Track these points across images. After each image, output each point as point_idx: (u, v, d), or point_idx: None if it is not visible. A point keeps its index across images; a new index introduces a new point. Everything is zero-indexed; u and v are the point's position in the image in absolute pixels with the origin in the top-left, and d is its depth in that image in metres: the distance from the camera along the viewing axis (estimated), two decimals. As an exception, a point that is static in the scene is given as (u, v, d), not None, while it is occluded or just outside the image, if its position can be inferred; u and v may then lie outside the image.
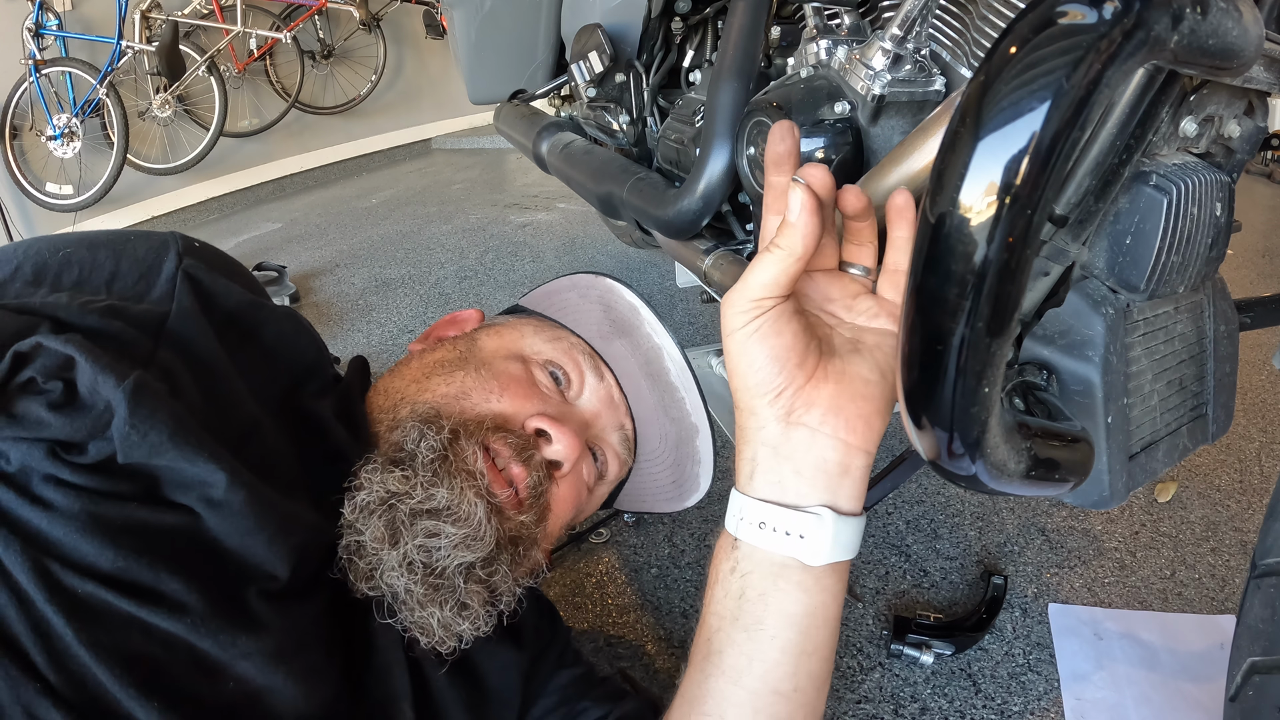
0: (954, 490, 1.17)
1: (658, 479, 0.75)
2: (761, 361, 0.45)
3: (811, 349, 0.46)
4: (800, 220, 0.42)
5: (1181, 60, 0.35)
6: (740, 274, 0.46)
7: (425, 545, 0.52)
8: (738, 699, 0.49)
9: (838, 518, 0.46)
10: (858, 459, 0.47)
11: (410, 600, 0.52)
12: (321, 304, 2.10)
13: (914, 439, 0.44)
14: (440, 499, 0.53)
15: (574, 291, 0.77)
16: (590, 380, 0.67)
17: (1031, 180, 0.32)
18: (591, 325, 0.73)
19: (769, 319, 0.44)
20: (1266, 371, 1.47)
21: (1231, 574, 0.99)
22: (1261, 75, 0.50)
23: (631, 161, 1.08)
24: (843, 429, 0.46)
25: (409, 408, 0.60)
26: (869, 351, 0.47)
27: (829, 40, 0.68)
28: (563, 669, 0.68)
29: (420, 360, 0.66)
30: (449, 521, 0.53)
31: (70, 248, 0.54)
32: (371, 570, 0.52)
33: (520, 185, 3.45)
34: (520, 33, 1.41)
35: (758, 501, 0.47)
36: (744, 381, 0.46)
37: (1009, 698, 0.83)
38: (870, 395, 0.46)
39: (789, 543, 0.47)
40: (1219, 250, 0.53)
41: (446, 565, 0.52)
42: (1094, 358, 0.52)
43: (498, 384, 0.62)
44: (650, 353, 0.72)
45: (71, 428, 0.44)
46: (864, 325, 0.48)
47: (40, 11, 3.06)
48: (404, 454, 0.55)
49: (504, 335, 0.69)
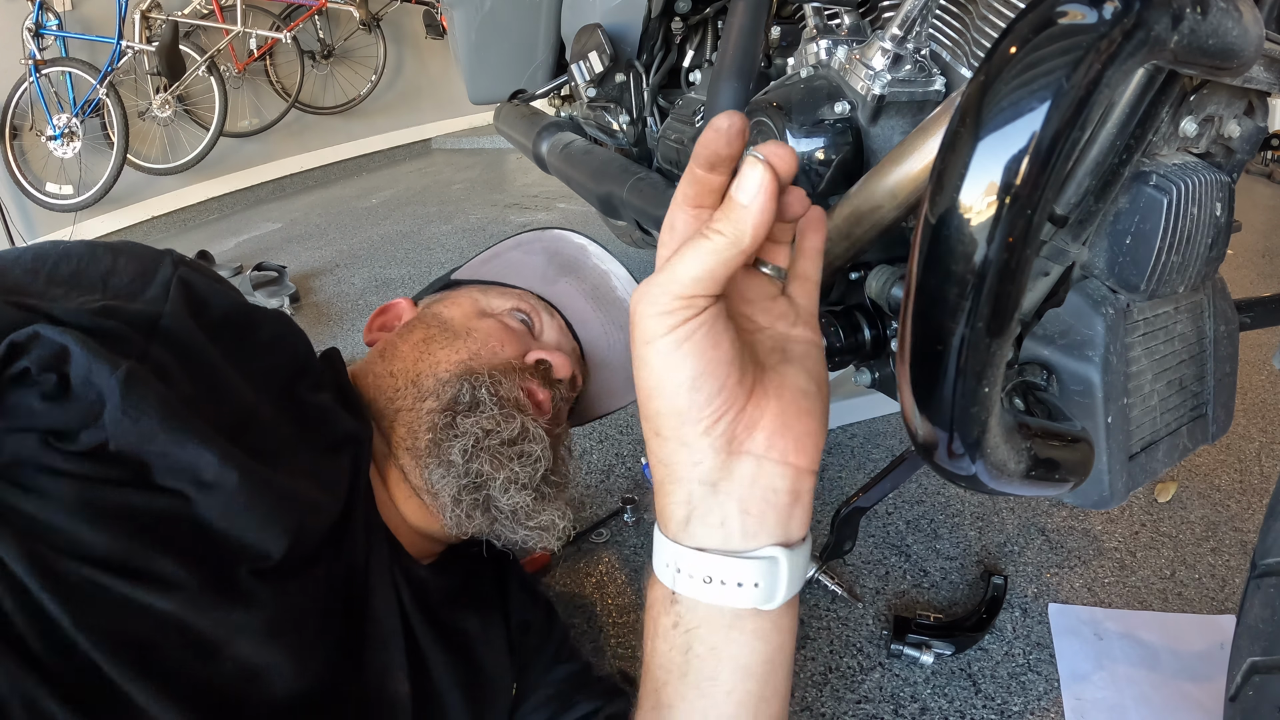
0: (954, 490, 1.17)
1: (614, 379, 0.86)
2: (694, 379, 0.36)
3: (747, 361, 0.39)
4: (756, 203, 0.34)
5: (1181, 60, 0.35)
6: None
7: (522, 465, 0.63)
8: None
9: (791, 553, 0.40)
10: (806, 482, 0.41)
11: (524, 512, 0.63)
12: (321, 304, 2.10)
13: (914, 439, 0.44)
14: (515, 428, 0.64)
15: (518, 250, 0.88)
16: (545, 318, 0.79)
17: (1031, 180, 0.32)
18: (534, 274, 0.84)
19: (702, 324, 0.35)
20: (1266, 371, 1.47)
21: (1231, 574, 0.99)
22: (1261, 75, 0.50)
23: (631, 161, 1.08)
24: (791, 452, 0.39)
25: (431, 378, 0.67)
26: (799, 360, 0.41)
27: (829, 40, 0.68)
28: (559, 664, 0.70)
29: (405, 343, 0.72)
30: (527, 443, 0.64)
31: (68, 246, 0.55)
32: (483, 502, 0.62)
33: (520, 185, 3.45)
34: (520, 33, 1.41)
35: (698, 552, 0.39)
36: (669, 404, 0.37)
37: (1009, 698, 0.83)
38: (812, 410, 0.41)
39: (741, 594, 0.39)
40: (1219, 250, 0.53)
41: (538, 477, 0.64)
42: (1094, 358, 0.52)
43: (494, 338, 0.71)
44: (598, 279, 0.85)
45: (64, 417, 0.45)
46: (785, 332, 0.42)
47: (40, 11, 3.06)
48: (464, 404, 0.64)
49: (460, 304, 0.76)
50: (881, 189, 0.57)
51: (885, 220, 0.59)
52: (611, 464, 1.28)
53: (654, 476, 0.41)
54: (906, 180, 0.56)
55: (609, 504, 1.18)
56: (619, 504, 1.16)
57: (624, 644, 0.93)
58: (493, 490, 0.62)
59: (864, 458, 1.28)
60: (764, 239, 0.35)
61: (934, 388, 0.39)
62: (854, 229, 0.62)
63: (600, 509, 1.17)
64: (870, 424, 1.37)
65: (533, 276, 0.84)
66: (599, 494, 1.22)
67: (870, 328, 0.65)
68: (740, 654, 0.41)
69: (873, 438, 1.33)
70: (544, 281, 0.84)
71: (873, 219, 0.59)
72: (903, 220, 0.59)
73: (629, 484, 1.24)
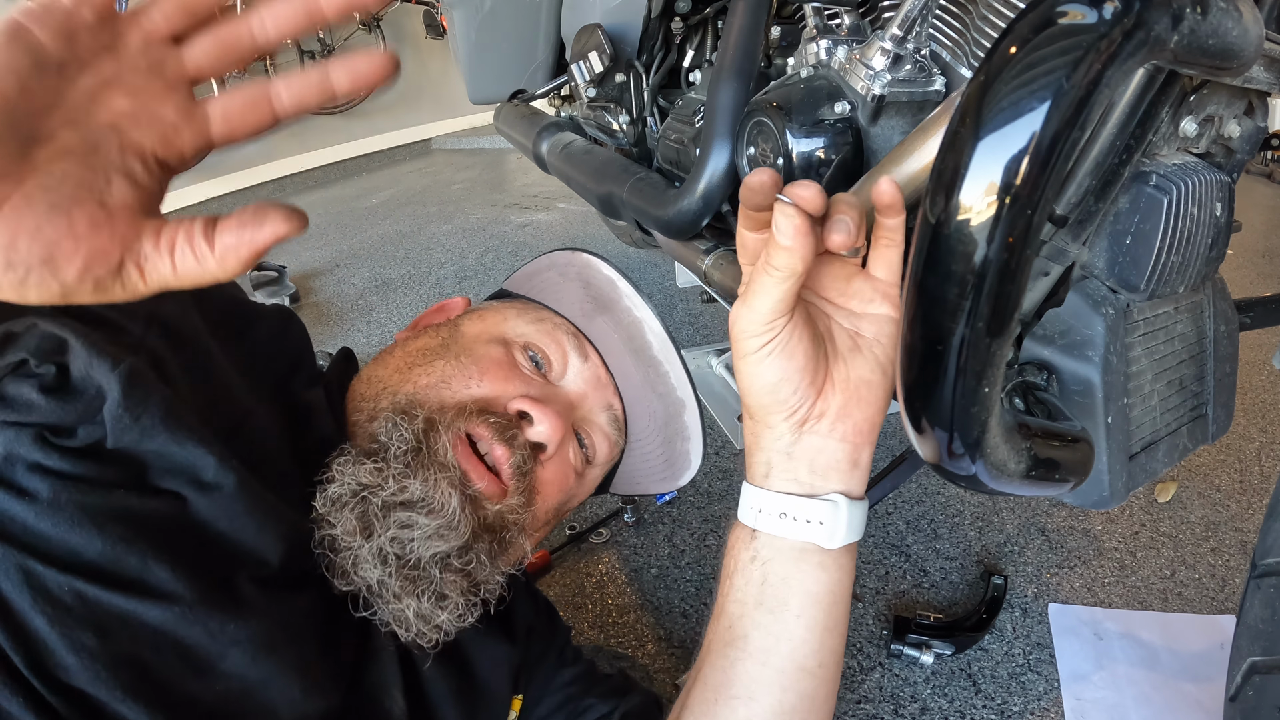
0: (954, 490, 1.17)
1: (649, 459, 0.74)
2: (776, 383, 0.46)
3: (820, 360, 0.47)
4: (795, 243, 0.41)
5: (1181, 60, 0.35)
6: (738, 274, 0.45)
7: (398, 537, 0.52)
8: (766, 679, 0.51)
9: (851, 503, 0.49)
10: (865, 452, 0.50)
11: (385, 593, 0.52)
12: (321, 304, 2.10)
13: (914, 439, 0.44)
14: (414, 491, 0.52)
15: (553, 270, 0.76)
16: (574, 361, 0.66)
17: (1031, 180, 0.33)
18: (573, 304, 0.72)
19: (781, 341, 0.45)
20: (1266, 371, 1.47)
21: (1231, 574, 0.99)
22: (1261, 75, 0.50)
23: (631, 161, 1.08)
24: (850, 433, 0.49)
25: (389, 398, 0.60)
26: (868, 347, 0.48)
27: (829, 40, 0.68)
28: (564, 667, 0.69)
29: (404, 348, 0.65)
30: (422, 513, 0.52)
31: None
32: (347, 564, 0.52)
33: (520, 185, 3.45)
34: (520, 33, 1.41)
35: (777, 494, 0.50)
36: (759, 400, 0.48)
37: (1009, 698, 0.83)
38: (873, 398, 0.48)
39: (809, 529, 0.49)
40: (1219, 250, 0.53)
41: (421, 556, 0.52)
42: (1094, 358, 0.52)
43: (477, 369, 0.61)
44: (631, 327, 0.71)
45: (61, 412, 0.44)
46: (860, 311, 0.48)
47: (40, 11, 3.06)
48: (377, 445, 0.55)
49: (487, 319, 0.68)
50: (881, 189, 0.57)
51: (885, 220, 0.59)
52: (611, 464, 1.29)
53: (745, 442, 0.52)
54: (906, 180, 0.56)
55: (609, 504, 1.18)
56: (619, 504, 1.16)
57: (624, 644, 0.93)
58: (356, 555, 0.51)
59: (864, 458, 1.28)
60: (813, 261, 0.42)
61: (934, 388, 0.39)
62: (854, 229, 0.61)
63: (600, 509, 1.17)
64: (870, 424, 1.37)
65: (572, 306, 0.72)
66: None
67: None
68: (807, 582, 0.50)
69: (873, 438, 1.33)
70: (583, 316, 0.71)
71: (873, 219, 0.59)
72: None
73: (629, 484, 1.24)
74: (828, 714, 0.53)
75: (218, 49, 0.32)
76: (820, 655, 0.51)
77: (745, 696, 0.51)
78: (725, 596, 0.53)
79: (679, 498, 1.19)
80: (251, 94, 0.32)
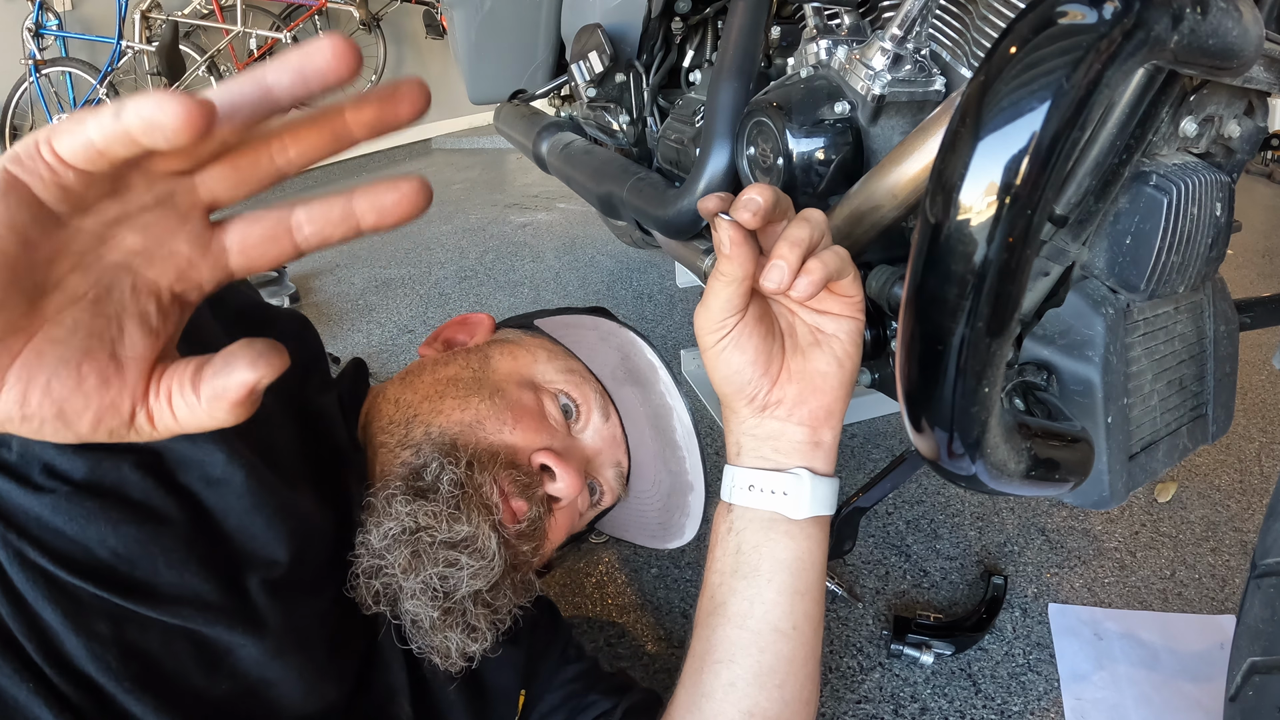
0: (954, 490, 1.17)
1: (644, 516, 0.77)
2: (733, 371, 0.52)
3: (775, 353, 0.52)
4: (734, 252, 0.47)
5: (1181, 60, 0.35)
6: None
7: (444, 574, 0.55)
8: (744, 641, 0.55)
9: (814, 477, 0.54)
10: (826, 435, 0.55)
11: (425, 624, 0.55)
12: (321, 304, 2.10)
13: (914, 439, 0.44)
14: (462, 532, 0.55)
15: (595, 332, 0.77)
16: (596, 418, 0.68)
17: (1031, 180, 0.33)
18: (606, 366, 0.73)
19: (734, 336, 0.50)
20: (1266, 371, 1.47)
21: (1231, 574, 0.99)
22: (1261, 75, 0.50)
23: (631, 161, 1.08)
24: (808, 418, 0.54)
25: (422, 429, 0.61)
26: (827, 342, 0.52)
27: (829, 40, 0.68)
28: (567, 664, 0.70)
29: (433, 374, 0.66)
30: (467, 553, 0.55)
31: None
32: (386, 593, 0.55)
33: (520, 185, 3.45)
34: (520, 33, 1.41)
35: (746, 469, 0.55)
36: (722, 388, 0.54)
37: (1009, 698, 0.83)
38: (829, 387, 0.53)
39: (774, 499, 0.54)
40: (1219, 250, 0.53)
41: (460, 592, 0.55)
42: (1094, 358, 0.52)
43: (511, 414, 0.63)
44: (660, 409, 0.73)
45: None
46: (821, 309, 0.52)
47: (40, 11, 3.06)
48: (424, 484, 0.57)
49: (518, 358, 0.69)
50: (881, 189, 0.57)
51: (885, 220, 0.59)
52: (611, 464, 1.28)
53: (724, 428, 0.58)
54: (906, 180, 0.56)
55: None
56: (619, 504, 1.16)
57: (624, 644, 0.93)
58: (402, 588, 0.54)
59: (864, 458, 1.28)
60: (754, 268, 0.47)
61: (934, 388, 0.39)
62: (854, 229, 0.62)
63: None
64: (870, 424, 1.37)
65: (604, 368, 0.73)
66: (599, 494, 1.22)
67: (870, 327, 0.65)
68: (776, 550, 0.55)
69: (873, 438, 1.33)
70: (613, 380, 0.73)
71: (873, 219, 0.59)
72: (903, 220, 0.59)
73: (629, 484, 1.24)
74: (808, 678, 0.57)
75: (234, 177, 0.28)
76: (793, 618, 0.55)
77: (726, 659, 0.55)
78: (708, 570, 0.59)
79: (679, 498, 1.19)
80: (271, 225, 0.30)
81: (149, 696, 0.43)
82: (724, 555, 0.57)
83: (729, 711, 0.55)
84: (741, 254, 0.47)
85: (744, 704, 0.55)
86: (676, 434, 0.73)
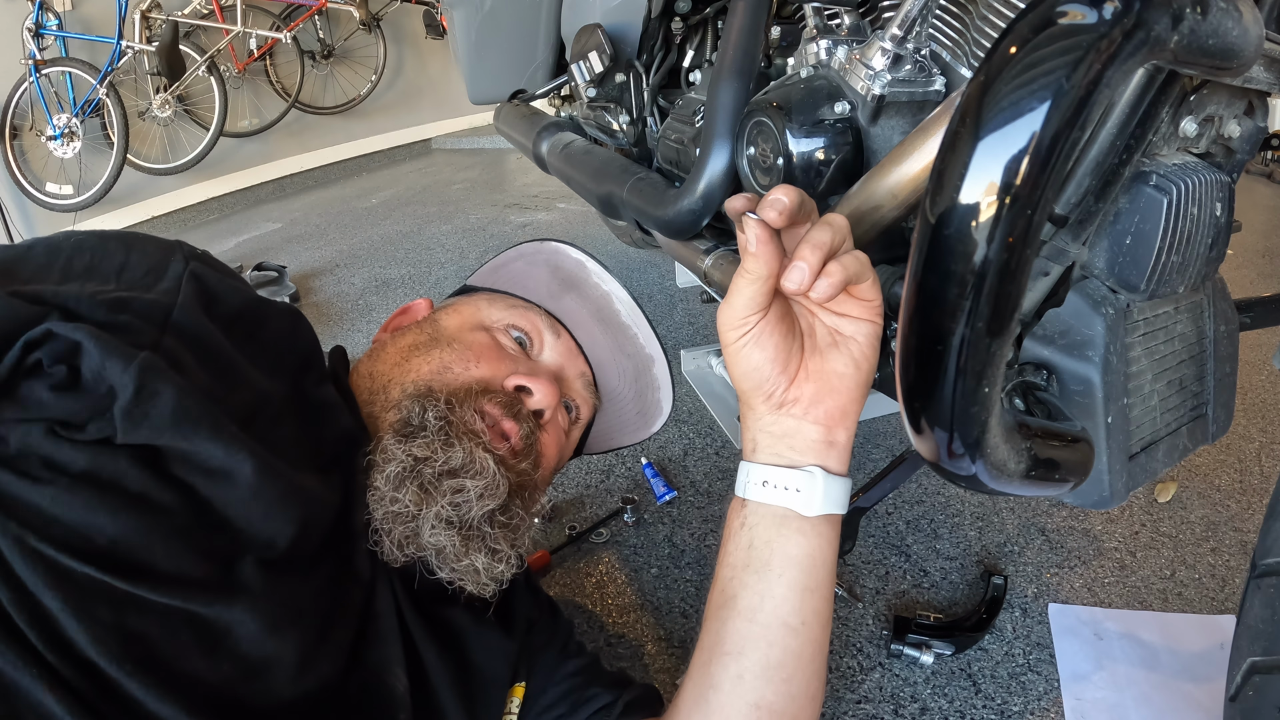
0: (954, 490, 1.17)
1: (624, 412, 0.82)
2: (753, 368, 0.53)
3: (794, 352, 0.54)
4: (760, 250, 0.48)
5: (1181, 60, 0.35)
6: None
7: (454, 501, 0.58)
8: (753, 634, 0.56)
9: (827, 475, 0.55)
10: (840, 435, 0.56)
11: (450, 552, 0.58)
12: (321, 304, 2.10)
13: (914, 439, 0.44)
14: (457, 458, 0.59)
15: (520, 260, 0.83)
16: (549, 338, 0.74)
17: (1031, 180, 0.33)
18: (540, 287, 0.79)
19: (754, 334, 0.52)
20: (1266, 371, 1.47)
21: (1231, 574, 0.99)
22: (1261, 75, 0.50)
23: (631, 161, 1.08)
24: (823, 417, 0.55)
25: (399, 388, 0.65)
26: (845, 344, 0.54)
27: (829, 40, 0.68)
28: (568, 659, 0.71)
29: (394, 345, 0.70)
30: (468, 476, 0.59)
31: (82, 237, 0.55)
32: (411, 534, 0.58)
33: (520, 185, 3.45)
34: (520, 33, 1.41)
35: (760, 465, 0.56)
36: (741, 385, 0.55)
37: (1009, 698, 0.83)
38: (845, 388, 0.54)
39: (788, 496, 0.55)
40: (1219, 250, 0.53)
41: (474, 516, 0.58)
42: (1094, 358, 0.52)
43: (472, 353, 0.67)
44: (600, 300, 0.79)
45: (72, 407, 0.46)
46: (841, 312, 0.53)
47: (40, 11, 3.06)
48: (412, 427, 0.60)
49: (462, 312, 0.74)
50: (881, 189, 0.57)
51: (885, 220, 0.59)
52: (611, 464, 1.28)
53: (740, 425, 0.59)
54: (906, 180, 0.56)
55: (609, 504, 1.18)
56: (619, 504, 1.16)
57: (624, 644, 0.93)
58: (420, 524, 0.57)
59: (864, 458, 1.28)
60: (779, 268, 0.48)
61: (934, 388, 0.39)
62: (854, 229, 0.61)
63: (600, 509, 1.17)
64: (870, 424, 1.37)
65: (540, 290, 0.79)
66: (599, 494, 1.22)
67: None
68: (788, 546, 0.56)
69: (873, 438, 1.33)
70: (550, 297, 0.79)
71: (873, 219, 0.59)
72: (903, 220, 0.59)
73: (629, 484, 1.24)
74: (814, 674, 0.58)
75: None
76: (802, 614, 0.56)
77: (735, 652, 0.56)
78: (720, 564, 0.59)
79: (679, 497, 1.19)
80: None
81: (151, 680, 0.43)
82: (736, 549, 0.58)
83: (736, 704, 0.56)
84: (767, 252, 0.48)
85: (751, 697, 0.56)
86: (621, 316, 0.80)
